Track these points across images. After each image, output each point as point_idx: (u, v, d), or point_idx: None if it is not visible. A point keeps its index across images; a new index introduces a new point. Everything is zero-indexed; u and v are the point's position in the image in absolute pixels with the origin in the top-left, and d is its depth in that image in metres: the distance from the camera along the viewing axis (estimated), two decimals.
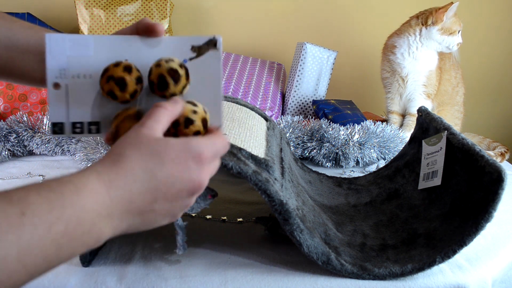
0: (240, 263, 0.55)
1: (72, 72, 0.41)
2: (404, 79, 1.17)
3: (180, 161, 0.35)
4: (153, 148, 0.35)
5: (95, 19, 1.37)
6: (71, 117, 0.42)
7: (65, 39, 0.40)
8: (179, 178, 0.35)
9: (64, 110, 0.41)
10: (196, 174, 0.36)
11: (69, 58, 0.40)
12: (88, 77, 0.41)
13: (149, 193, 0.34)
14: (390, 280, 0.52)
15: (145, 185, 0.34)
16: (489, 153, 1.08)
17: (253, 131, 0.64)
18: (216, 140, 0.39)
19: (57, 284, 0.50)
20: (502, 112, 1.64)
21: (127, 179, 0.33)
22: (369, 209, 0.70)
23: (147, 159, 0.34)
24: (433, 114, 0.71)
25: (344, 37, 1.57)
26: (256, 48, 1.58)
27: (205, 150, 0.37)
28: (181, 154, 0.35)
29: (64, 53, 0.40)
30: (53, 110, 0.41)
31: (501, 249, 0.60)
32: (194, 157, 0.36)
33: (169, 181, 0.35)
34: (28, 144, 0.99)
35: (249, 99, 1.24)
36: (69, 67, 0.41)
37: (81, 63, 0.41)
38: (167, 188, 0.35)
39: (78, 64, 0.40)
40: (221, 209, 0.72)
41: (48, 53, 0.40)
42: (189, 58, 0.41)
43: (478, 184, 0.53)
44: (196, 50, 0.42)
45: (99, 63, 0.41)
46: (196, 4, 1.54)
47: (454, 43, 1.12)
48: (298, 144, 0.99)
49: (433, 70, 1.16)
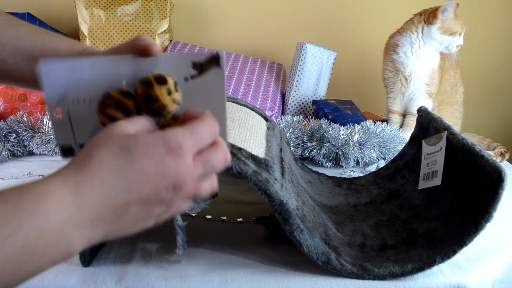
0: (240, 263, 0.55)
1: (72, 97, 0.39)
2: (407, 78, 1.17)
3: (153, 155, 0.31)
4: (122, 144, 0.31)
5: (95, 19, 1.37)
6: (78, 139, 0.40)
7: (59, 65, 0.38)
8: (153, 174, 0.31)
9: (70, 133, 0.40)
10: (173, 169, 0.31)
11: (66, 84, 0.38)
12: (88, 102, 0.39)
13: (121, 194, 0.30)
14: (390, 280, 0.52)
15: (115, 185, 0.30)
16: (489, 153, 1.08)
17: (253, 131, 0.64)
18: (199, 127, 0.34)
19: (57, 284, 0.50)
20: (502, 112, 1.64)
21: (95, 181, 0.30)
22: (369, 209, 0.70)
23: (116, 157, 0.30)
24: (433, 114, 0.71)
25: (344, 37, 1.57)
26: (256, 48, 1.58)
27: (184, 141, 0.32)
28: (154, 147, 0.31)
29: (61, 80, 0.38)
30: (59, 135, 0.40)
31: (501, 249, 0.60)
32: (169, 149, 0.31)
33: (142, 179, 0.31)
34: (28, 144, 0.99)
35: (249, 99, 1.24)
36: (68, 92, 0.39)
37: (79, 88, 0.39)
38: (141, 187, 0.31)
39: (76, 89, 0.38)
40: (221, 209, 0.72)
41: (44, 81, 0.38)
42: (190, 76, 0.38)
43: (478, 184, 0.53)
44: (197, 68, 0.38)
45: (97, 87, 0.39)
46: (196, 4, 1.54)
47: (454, 44, 1.12)
48: (298, 144, 0.99)
49: (435, 69, 1.16)
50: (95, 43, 1.38)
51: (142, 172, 0.31)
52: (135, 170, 0.30)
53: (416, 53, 1.14)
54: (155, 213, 0.33)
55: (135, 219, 0.32)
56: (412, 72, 1.16)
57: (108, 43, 1.39)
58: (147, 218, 0.33)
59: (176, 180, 0.32)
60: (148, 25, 1.40)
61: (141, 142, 0.31)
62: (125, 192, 0.30)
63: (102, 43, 1.39)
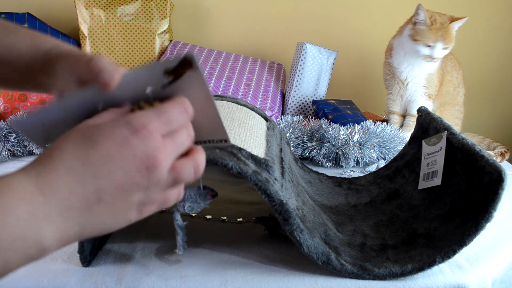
0: (240, 263, 0.55)
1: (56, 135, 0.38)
2: (404, 82, 1.16)
3: (117, 137, 0.29)
4: (85, 132, 0.30)
5: (95, 19, 1.37)
6: None
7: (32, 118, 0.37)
8: (119, 157, 0.29)
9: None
10: (141, 149, 0.30)
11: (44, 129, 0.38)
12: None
13: (89, 182, 0.29)
14: (390, 280, 0.52)
15: (81, 173, 0.29)
16: (489, 153, 1.08)
17: (253, 131, 0.64)
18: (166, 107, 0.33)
19: (57, 284, 0.50)
20: (502, 112, 1.64)
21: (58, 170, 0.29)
22: (369, 209, 0.70)
23: (78, 146, 0.29)
24: (433, 114, 0.71)
25: (344, 37, 1.57)
26: (256, 48, 1.58)
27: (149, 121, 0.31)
28: (116, 130, 0.30)
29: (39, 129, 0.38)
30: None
31: (501, 249, 0.61)
32: (135, 130, 0.30)
33: (108, 163, 0.29)
34: (28, 144, 0.99)
35: (249, 99, 1.24)
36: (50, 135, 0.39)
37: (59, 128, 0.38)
38: (108, 172, 0.29)
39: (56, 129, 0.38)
40: (221, 209, 0.72)
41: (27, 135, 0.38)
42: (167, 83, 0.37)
43: (478, 184, 0.53)
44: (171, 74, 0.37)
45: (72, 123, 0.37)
46: (196, 4, 1.54)
47: (421, 53, 1.07)
48: (298, 144, 0.99)
49: (433, 73, 1.14)
50: (95, 43, 1.38)
51: (107, 156, 0.29)
52: (99, 156, 0.29)
53: (408, 57, 1.11)
54: (133, 201, 0.31)
55: (113, 209, 0.30)
56: (408, 77, 1.14)
57: (108, 43, 1.39)
58: (127, 208, 0.31)
59: (147, 160, 0.30)
60: (148, 25, 1.40)
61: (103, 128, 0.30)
62: (92, 179, 0.29)
63: (102, 43, 1.39)
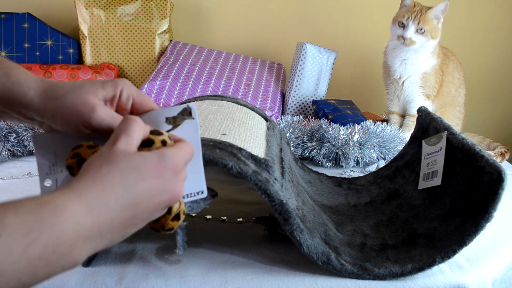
0: (240, 263, 0.55)
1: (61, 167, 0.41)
2: (399, 81, 1.15)
3: (159, 174, 0.36)
4: (131, 163, 0.35)
5: (95, 19, 1.37)
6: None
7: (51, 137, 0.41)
8: (159, 190, 0.36)
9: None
10: (173, 185, 0.37)
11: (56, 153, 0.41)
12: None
13: (131, 209, 0.34)
14: (390, 280, 0.52)
15: (126, 201, 0.34)
16: (489, 153, 1.08)
17: (253, 131, 0.64)
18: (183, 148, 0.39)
19: (57, 284, 0.50)
20: (502, 112, 1.64)
21: (109, 197, 0.33)
22: (369, 209, 0.70)
23: (126, 175, 0.34)
24: (433, 114, 0.71)
25: (344, 37, 1.57)
26: (256, 48, 1.58)
27: (178, 160, 0.37)
28: (159, 166, 0.36)
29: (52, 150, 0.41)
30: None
31: (501, 249, 0.60)
32: (170, 168, 0.37)
33: (150, 195, 0.35)
34: (28, 144, 0.99)
35: (249, 99, 1.24)
36: (57, 162, 0.41)
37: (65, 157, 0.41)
38: (148, 202, 0.35)
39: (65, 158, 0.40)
40: (221, 209, 0.72)
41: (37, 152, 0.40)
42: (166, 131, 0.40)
43: (478, 184, 0.53)
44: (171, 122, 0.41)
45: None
46: (196, 4, 1.54)
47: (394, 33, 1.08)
48: (298, 144, 0.99)
49: (428, 72, 1.13)
50: (95, 43, 1.38)
51: (150, 189, 0.35)
52: (145, 188, 0.35)
53: (400, 57, 1.11)
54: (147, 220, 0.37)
55: (134, 228, 0.36)
56: (402, 76, 1.13)
57: (108, 43, 1.39)
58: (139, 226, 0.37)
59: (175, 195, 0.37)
60: (148, 25, 1.40)
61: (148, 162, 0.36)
62: (134, 207, 0.34)
63: (102, 43, 1.39)
